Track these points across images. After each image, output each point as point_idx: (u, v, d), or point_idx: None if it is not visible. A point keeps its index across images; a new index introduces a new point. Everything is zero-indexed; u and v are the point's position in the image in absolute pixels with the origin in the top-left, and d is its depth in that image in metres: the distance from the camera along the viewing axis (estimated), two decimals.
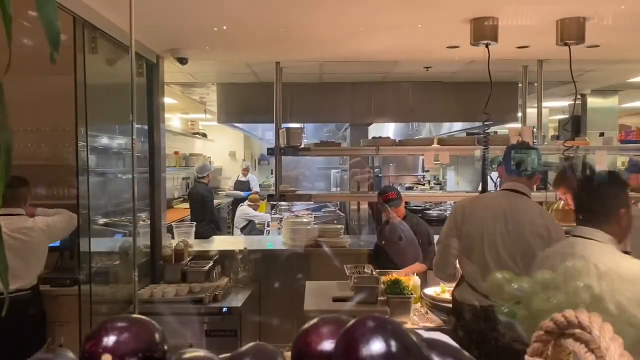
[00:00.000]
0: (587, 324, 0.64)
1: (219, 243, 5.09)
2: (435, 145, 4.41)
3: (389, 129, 7.73)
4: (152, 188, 4.21)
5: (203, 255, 4.34)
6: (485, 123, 3.38)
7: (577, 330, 0.69)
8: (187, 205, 8.44)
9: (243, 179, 10.78)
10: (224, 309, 3.70)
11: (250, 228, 8.11)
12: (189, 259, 4.22)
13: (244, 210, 8.32)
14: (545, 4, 2.98)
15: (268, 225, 7.16)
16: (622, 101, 7.06)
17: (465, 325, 2.68)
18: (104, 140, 3.71)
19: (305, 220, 4.85)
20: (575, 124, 6.37)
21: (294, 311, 3.27)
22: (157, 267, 4.18)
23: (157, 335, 0.69)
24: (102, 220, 3.65)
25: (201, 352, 0.65)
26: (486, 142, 3.44)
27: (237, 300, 3.87)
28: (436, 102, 5.76)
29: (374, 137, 4.97)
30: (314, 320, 0.66)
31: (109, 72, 3.49)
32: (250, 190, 10.26)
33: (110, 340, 0.64)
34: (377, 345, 0.52)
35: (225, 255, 4.37)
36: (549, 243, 2.58)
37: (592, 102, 6.65)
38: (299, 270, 4.25)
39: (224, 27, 3.49)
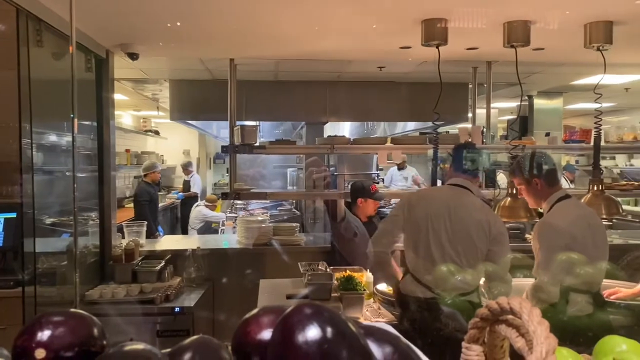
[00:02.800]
0: (517, 309, 0.67)
1: (172, 242, 5.01)
2: (388, 144, 4.48)
3: (344, 128, 7.78)
4: (102, 187, 4.10)
5: (155, 255, 4.26)
6: (436, 123, 3.46)
7: (510, 317, 0.72)
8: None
9: (186, 178, 10.43)
10: (176, 309, 3.65)
11: (206, 228, 8.01)
12: (140, 258, 4.13)
13: (201, 211, 8.20)
14: (492, 6, 3.07)
15: (223, 225, 7.09)
16: (566, 102, 7.35)
17: (409, 317, 2.76)
18: (52, 138, 3.59)
19: (260, 218, 4.84)
20: (522, 124, 6.60)
21: (247, 310, 3.24)
22: (106, 268, 4.07)
23: (95, 330, 0.68)
24: (49, 220, 3.53)
25: (140, 345, 0.65)
26: (437, 141, 3.52)
27: (190, 299, 3.83)
28: (390, 102, 5.84)
29: (329, 136, 4.99)
30: (255, 311, 0.66)
31: (56, 66, 3.37)
32: (189, 191, 10.01)
33: (44, 335, 0.62)
34: (312, 332, 0.53)
35: (178, 255, 4.31)
36: (489, 237, 2.67)
37: (538, 103, 6.90)
38: (253, 268, 4.24)
39: (178, 24, 3.43)
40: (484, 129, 4.73)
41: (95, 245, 4.08)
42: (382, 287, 3.43)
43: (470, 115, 5.60)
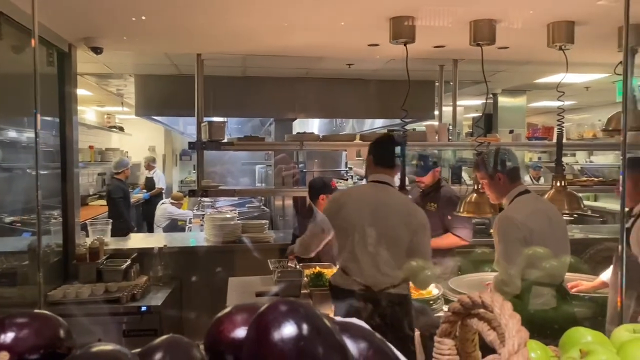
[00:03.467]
0: (489, 303, 0.68)
1: (138, 241, 4.92)
2: (357, 140, 4.50)
3: (313, 125, 7.78)
4: (65, 184, 3.99)
5: (121, 254, 4.18)
6: (404, 120, 3.49)
7: (481, 310, 0.73)
8: (103, 202, 8.08)
9: (148, 174, 10.20)
10: (143, 308, 3.59)
11: (172, 226, 7.88)
12: (105, 257, 4.04)
13: (166, 209, 8.07)
14: (459, 5, 3.11)
15: (190, 222, 7.00)
16: (529, 101, 7.51)
17: (342, 310, 2.80)
18: (12, 134, 3.48)
19: (228, 216, 4.80)
20: (487, 122, 6.72)
21: (216, 308, 3.21)
22: (70, 267, 3.97)
23: (61, 331, 0.66)
24: (9, 219, 3.42)
25: (110, 346, 0.63)
26: (404, 138, 3.55)
27: (157, 298, 3.77)
28: (359, 99, 5.86)
29: (298, 133, 4.98)
30: (228, 309, 0.65)
31: (16, 60, 3.26)
32: (154, 189, 9.84)
33: (7, 337, 0.60)
34: (288, 329, 0.52)
35: (145, 253, 4.23)
36: (410, 228, 2.73)
37: (503, 101, 7.03)
38: (221, 266, 4.19)
39: (143, 18, 3.36)
40: (450, 126, 4.80)
41: (58, 244, 3.97)
42: None
43: (437, 112, 5.68)
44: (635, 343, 0.81)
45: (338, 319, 0.68)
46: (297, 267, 3.44)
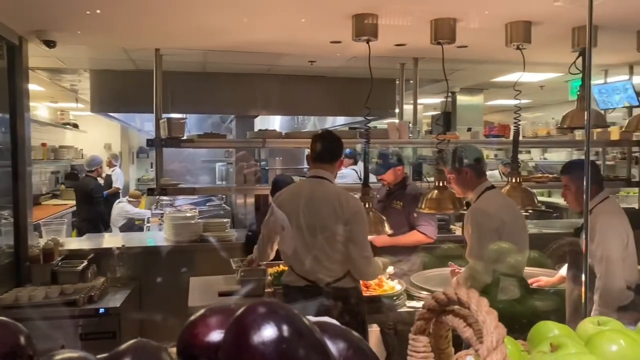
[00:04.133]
0: (465, 300, 0.68)
1: (95, 241, 4.78)
2: None
3: (275, 122, 7.73)
4: (16, 183, 3.83)
5: (76, 255, 4.04)
6: (367, 117, 3.50)
7: (456, 307, 0.73)
8: (57, 201, 7.82)
9: (108, 172, 9.93)
10: (101, 310, 3.49)
11: (129, 225, 7.67)
12: (60, 258, 3.90)
13: (123, 208, 7.85)
14: (420, 4, 3.15)
15: (148, 222, 6.84)
16: (487, 99, 7.69)
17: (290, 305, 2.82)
18: None
19: (189, 214, 4.71)
20: (446, 120, 6.83)
21: (178, 309, 3.16)
22: (22, 269, 3.81)
23: (22, 338, 0.62)
24: None
25: (75, 353, 0.60)
26: (367, 135, 3.57)
27: (115, 300, 3.67)
28: (320, 96, 5.86)
29: (260, 130, 4.94)
30: (201, 311, 0.63)
31: None
32: (111, 187, 9.58)
33: None
34: (269, 331, 0.51)
35: (102, 254, 4.11)
36: (343, 218, 2.77)
37: (461, 99, 7.17)
38: (182, 266, 4.11)
39: (98, 11, 3.25)
40: (411, 124, 4.85)
41: (9, 245, 3.81)
42: None
43: (397, 110, 5.73)
44: (602, 335, 0.83)
45: (312, 318, 0.67)
46: (261, 265, 3.40)
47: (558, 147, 7.80)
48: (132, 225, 7.61)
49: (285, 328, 0.51)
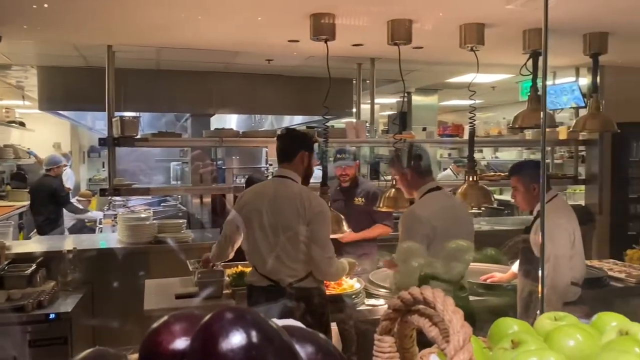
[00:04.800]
0: (431, 299, 0.69)
1: (44, 244, 4.60)
2: None
3: (231, 121, 7.64)
4: None
5: (24, 258, 3.88)
6: (326, 117, 3.51)
7: (421, 306, 0.74)
8: (3, 202, 7.47)
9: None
10: (51, 316, 3.36)
11: (79, 227, 7.43)
12: (6, 262, 3.74)
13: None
14: (377, 5, 3.17)
15: (100, 223, 6.64)
16: (441, 99, 7.84)
17: (254, 305, 2.82)
18: None
19: (143, 215, 4.60)
20: (402, 120, 6.93)
21: (133, 313, 3.08)
22: None
23: None
24: None
25: None
26: (326, 135, 3.57)
27: (66, 305, 3.54)
28: (278, 95, 5.84)
29: (216, 129, 4.87)
30: (165, 318, 0.60)
31: None
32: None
33: None
34: (237, 338, 0.49)
35: (52, 257, 3.96)
36: (306, 218, 2.78)
37: (416, 99, 7.29)
38: (137, 269, 4.01)
39: (45, 5, 3.12)
40: (368, 124, 4.90)
41: None
42: None
43: (354, 110, 5.77)
44: (560, 331, 0.86)
45: (279, 322, 0.66)
46: (219, 267, 3.36)
47: (510, 146, 8.03)
48: (82, 227, 7.37)
49: (253, 334, 0.50)
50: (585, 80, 4.99)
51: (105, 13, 3.34)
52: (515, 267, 3.26)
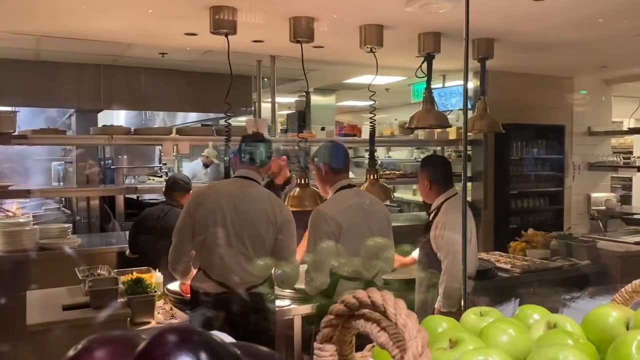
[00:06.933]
0: (380, 303, 0.64)
1: None
2: (174, 135, 4.26)
3: (120, 117, 7.20)
4: None
5: None
6: (227, 114, 3.39)
7: (367, 310, 0.69)
8: None
9: None
10: None
11: None
12: None
13: None
14: (279, 3, 3.12)
15: None
16: (338, 100, 7.97)
17: (203, 313, 2.69)
18: None
19: (22, 220, 4.17)
20: (302, 119, 6.96)
21: (12, 329, 2.76)
22: None
23: None
24: None
25: None
26: (228, 132, 3.46)
27: None
28: (172, 91, 5.59)
29: (104, 125, 4.54)
30: (83, 343, 0.50)
31: None
32: None
33: None
34: None
35: None
36: (275, 226, 2.73)
37: (315, 99, 7.35)
38: (16, 279, 3.62)
39: None
40: (269, 122, 4.84)
41: None
42: (174, 286, 3.25)
43: (253, 108, 5.68)
44: (493, 327, 0.86)
45: (227, 338, 0.58)
46: (111, 273, 3.12)
47: (406, 146, 8.33)
48: None
49: (203, 357, 0.42)
50: (471, 84, 5.31)
51: None
52: (415, 252, 3.35)
